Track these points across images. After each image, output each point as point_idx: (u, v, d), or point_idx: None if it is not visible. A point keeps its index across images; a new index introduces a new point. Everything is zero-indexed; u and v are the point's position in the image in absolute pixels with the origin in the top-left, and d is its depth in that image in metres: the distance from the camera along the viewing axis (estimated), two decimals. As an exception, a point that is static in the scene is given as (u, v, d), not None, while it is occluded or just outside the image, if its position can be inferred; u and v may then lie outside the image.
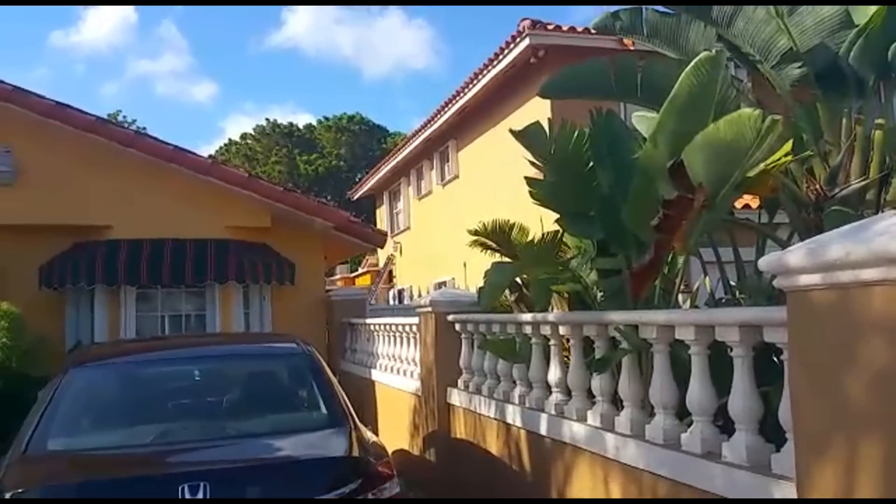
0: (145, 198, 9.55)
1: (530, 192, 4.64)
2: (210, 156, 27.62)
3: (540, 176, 4.74)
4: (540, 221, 5.48)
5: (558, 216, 4.62)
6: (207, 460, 3.58)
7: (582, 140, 4.48)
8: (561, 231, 4.65)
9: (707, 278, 5.61)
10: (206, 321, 10.07)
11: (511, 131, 4.26)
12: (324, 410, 4.14)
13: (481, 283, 4.51)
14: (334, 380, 4.52)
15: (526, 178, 4.62)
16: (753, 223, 4.96)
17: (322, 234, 10.68)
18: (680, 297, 5.65)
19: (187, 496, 3.08)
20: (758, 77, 4.90)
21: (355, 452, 3.68)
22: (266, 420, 4.21)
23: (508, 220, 5.63)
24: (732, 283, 4.91)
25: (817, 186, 4.39)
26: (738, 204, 7.79)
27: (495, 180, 13.45)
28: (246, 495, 3.25)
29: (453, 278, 15.89)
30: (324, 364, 4.65)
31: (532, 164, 4.59)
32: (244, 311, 10.22)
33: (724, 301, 4.94)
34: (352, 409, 4.27)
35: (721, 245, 4.90)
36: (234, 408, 4.36)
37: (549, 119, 4.65)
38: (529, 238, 4.86)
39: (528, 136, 4.23)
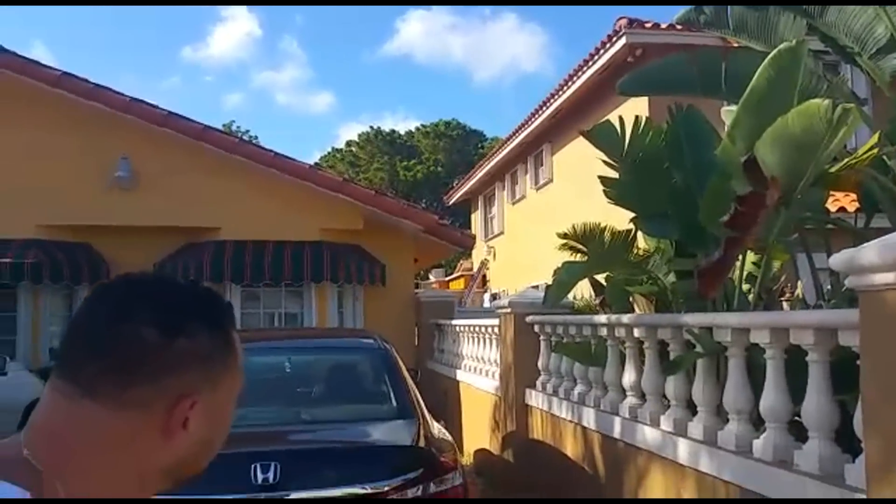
0: (249, 201, 10.12)
1: (605, 191, 4.59)
2: (315, 163, 28.83)
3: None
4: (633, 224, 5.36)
5: (634, 216, 4.54)
6: (281, 442, 3.80)
7: (658, 138, 4.39)
8: (634, 230, 4.56)
9: (801, 284, 5.33)
10: (304, 319, 10.54)
11: (581, 132, 4.24)
12: (394, 403, 4.28)
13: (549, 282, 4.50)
14: (407, 375, 4.64)
15: (600, 177, 4.57)
16: (850, 226, 4.67)
17: (412, 237, 10.93)
18: (785, 305, 5.41)
19: (259, 474, 3.28)
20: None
21: (420, 443, 3.78)
22: (339, 408, 4.40)
23: (599, 224, 5.55)
24: (829, 288, 4.65)
25: (921, 185, 4.08)
26: (833, 206, 7.31)
27: (589, 184, 13.19)
28: (313, 476, 3.41)
29: (546, 283, 15.76)
30: (398, 360, 4.78)
31: (606, 163, 4.53)
32: (338, 311, 10.61)
33: (816, 307, 4.68)
34: (422, 403, 4.37)
35: (817, 250, 4.65)
36: (310, 395, 4.59)
37: (630, 118, 4.57)
38: (602, 237, 4.80)
39: (598, 136, 4.20)
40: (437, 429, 4.21)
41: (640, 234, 4.88)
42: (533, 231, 17.19)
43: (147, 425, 0.78)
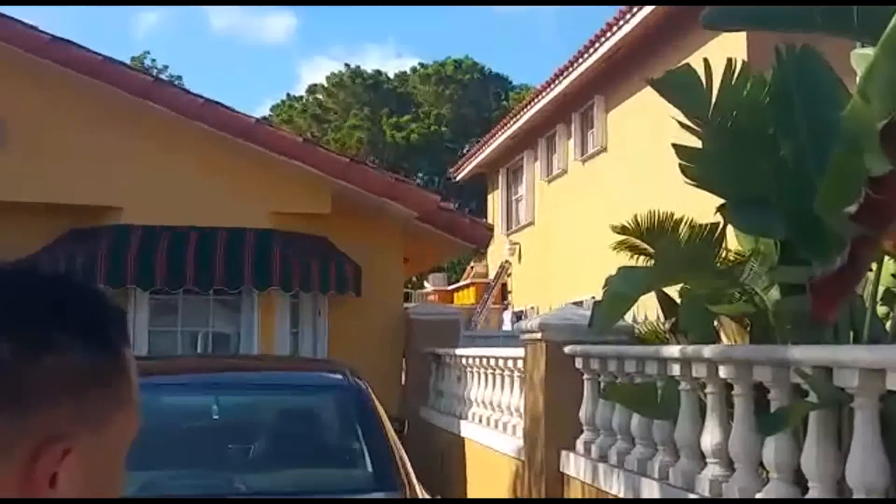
0: (166, 170, 10.15)
1: (681, 165, 4.63)
2: (264, 117, 28.82)
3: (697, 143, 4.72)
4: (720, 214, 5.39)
5: (721, 202, 4.60)
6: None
7: (760, 90, 4.43)
8: (723, 224, 4.60)
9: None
10: (242, 343, 10.58)
11: (648, 80, 4.29)
12: (369, 467, 4.32)
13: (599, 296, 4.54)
14: (389, 427, 4.68)
15: (674, 145, 4.61)
16: None
17: (401, 226, 10.98)
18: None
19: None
20: None
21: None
22: (289, 474, 4.44)
23: (672, 214, 5.56)
24: None
25: None
26: None
27: (658, 155, 13.30)
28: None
29: (594, 297, 15.82)
30: (377, 405, 4.83)
31: (683, 126, 4.57)
32: (291, 331, 10.65)
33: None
34: (410, 468, 4.41)
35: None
36: (247, 455, 4.62)
37: (720, 62, 4.61)
38: (675, 233, 4.85)
39: (673, 87, 4.24)
40: (429, 505, 4.24)
41: (729, 229, 4.93)
42: (576, 222, 17.26)
43: (2, 479, 0.77)
